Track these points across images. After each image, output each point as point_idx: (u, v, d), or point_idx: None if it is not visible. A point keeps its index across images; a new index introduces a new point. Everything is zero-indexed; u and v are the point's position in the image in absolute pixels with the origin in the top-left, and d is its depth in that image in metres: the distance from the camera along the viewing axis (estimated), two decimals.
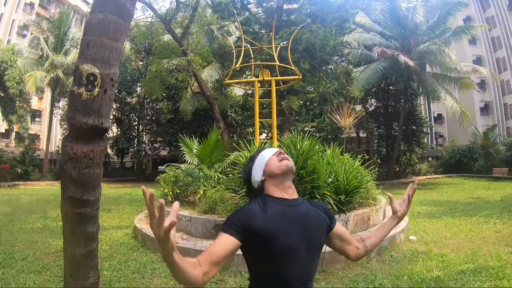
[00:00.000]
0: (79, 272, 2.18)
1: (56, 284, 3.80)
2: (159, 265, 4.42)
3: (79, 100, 2.04)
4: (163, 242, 1.02)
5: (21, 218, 8.07)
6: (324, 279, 3.81)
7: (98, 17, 2.11)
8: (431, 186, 16.66)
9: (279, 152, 1.42)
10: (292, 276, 1.27)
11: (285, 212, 1.31)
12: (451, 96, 17.90)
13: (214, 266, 1.19)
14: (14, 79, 16.04)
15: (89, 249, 2.21)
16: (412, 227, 6.48)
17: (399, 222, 1.55)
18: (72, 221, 2.16)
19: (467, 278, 3.70)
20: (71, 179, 2.10)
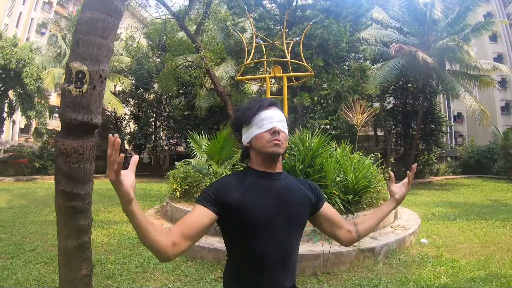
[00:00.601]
0: (72, 263, 2.23)
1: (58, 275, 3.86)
2: None
3: (69, 97, 2.07)
4: (115, 186, 0.99)
5: (35, 211, 8.29)
6: (327, 281, 3.71)
7: (87, 16, 2.14)
8: (449, 187, 16.28)
9: (274, 131, 1.23)
10: (268, 253, 1.20)
11: (263, 185, 1.24)
12: (471, 94, 17.33)
13: (186, 238, 1.13)
14: (32, 76, 16.44)
15: (81, 242, 2.24)
16: (425, 230, 6.27)
17: (397, 206, 1.46)
18: (64, 214, 2.21)
19: (477, 286, 3.55)
20: (62, 173, 2.14)
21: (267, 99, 1.32)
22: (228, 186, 1.22)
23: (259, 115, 1.26)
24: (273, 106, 1.29)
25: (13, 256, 4.66)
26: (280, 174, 1.29)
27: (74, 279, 2.25)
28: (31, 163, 20.42)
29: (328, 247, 3.89)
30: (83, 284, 2.28)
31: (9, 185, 15.74)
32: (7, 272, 4.01)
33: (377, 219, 1.43)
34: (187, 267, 4.12)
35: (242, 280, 1.23)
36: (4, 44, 15.89)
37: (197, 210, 1.18)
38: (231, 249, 1.27)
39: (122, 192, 1.00)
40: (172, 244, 1.09)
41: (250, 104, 1.31)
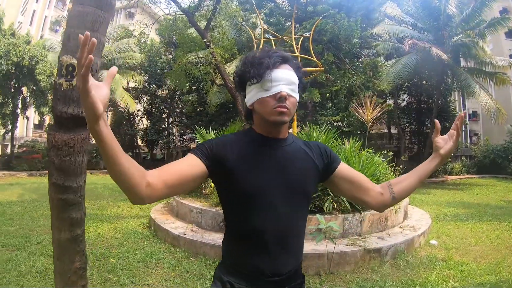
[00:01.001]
0: (65, 256, 2.24)
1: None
2: (165, 255, 4.45)
3: (60, 90, 2.06)
4: (82, 97, 0.83)
5: (45, 205, 8.38)
6: (330, 282, 3.61)
7: (77, 10, 2.14)
8: (462, 187, 15.94)
9: (280, 96, 1.07)
10: (265, 224, 1.09)
11: (263, 151, 1.13)
12: (486, 92, 16.86)
13: (164, 184, 0.99)
14: (45, 72, 16.69)
15: (73, 234, 2.24)
16: (435, 231, 6.09)
17: (441, 164, 1.22)
18: (57, 207, 2.20)
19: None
20: (54, 166, 2.15)
21: (278, 53, 1.13)
22: (226, 145, 1.11)
23: (266, 74, 1.08)
24: (284, 64, 1.12)
25: (19, 248, 4.74)
26: (285, 140, 1.17)
27: (67, 271, 2.24)
28: (44, 158, 20.82)
29: (333, 247, 3.79)
30: (77, 276, 2.27)
31: (22, 179, 16.10)
32: (11, 263, 4.08)
33: (416, 178, 1.22)
34: (189, 263, 4.10)
35: (238, 259, 1.14)
36: (17, 42, 16.20)
37: (188, 158, 1.07)
38: (227, 219, 1.18)
39: (89, 104, 0.83)
40: (146, 184, 0.95)
41: (256, 59, 1.11)
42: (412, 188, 1.23)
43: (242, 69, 1.14)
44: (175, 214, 6.01)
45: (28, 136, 27.79)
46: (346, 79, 15.26)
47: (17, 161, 19.47)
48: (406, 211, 6.18)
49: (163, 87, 27.64)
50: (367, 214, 4.78)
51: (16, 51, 15.80)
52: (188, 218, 5.46)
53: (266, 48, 1.21)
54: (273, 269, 1.10)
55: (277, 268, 1.11)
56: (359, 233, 4.64)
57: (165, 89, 27.98)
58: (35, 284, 3.52)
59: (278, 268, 1.11)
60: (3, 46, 15.66)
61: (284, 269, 1.12)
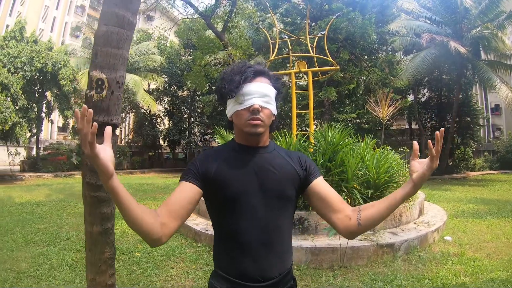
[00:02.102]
0: (96, 247, 2.47)
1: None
2: (187, 250, 4.71)
3: (91, 102, 2.30)
4: (92, 160, 0.93)
5: (72, 204, 8.82)
6: (343, 275, 3.74)
7: (103, 30, 2.36)
8: (484, 183, 15.52)
9: (253, 109, 1.12)
10: (246, 227, 1.13)
11: (243, 159, 1.18)
12: (507, 85, 16.40)
13: (174, 217, 1.07)
14: (67, 77, 17.35)
15: (104, 228, 2.49)
16: (451, 227, 6.07)
17: (414, 191, 1.08)
18: (89, 203, 2.45)
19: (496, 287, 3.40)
20: (87, 167, 2.39)
21: (252, 67, 1.18)
22: (208, 158, 1.18)
23: (240, 88, 1.14)
24: (258, 77, 1.17)
25: (49, 244, 5.08)
26: (265, 148, 1.22)
27: (98, 261, 2.49)
28: (69, 160, 21.61)
29: (346, 241, 3.92)
30: (106, 265, 2.52)
31: (48, 180, 16.80)
32: (43, 258, 4.41)
33: (386, 204, 1.10)
34: (209, 257, 4.32)
35: (226, 264, 1.18)
36: (40, 49, 16.88)
37: (181, 187, 1.13)
38: (214, 225, 1.24)
39: (100, 166, 0.92)
40: (161, 224, 1.03)
41: (232, 75, 1.17)
42: (380, 215, 1.11)
43: (219, 85, 1.21)
44: (197, 211, 6.26)
45: (52, 139, 28.87)
46: (363, 77, 15.20)
47: (42, 163, 20.30)
48: (422, 207, 6.18)
49: (183, 88, 28.17)
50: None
51: (39, 57, 16.48)
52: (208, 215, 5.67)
53: (242, 63, 1.22)
54: (260, 273, 1.13)
55: (264, 272, 1.13)
56: (373, 229, 4.73)
57: (185, 90, 28.50)
58: (65, 276, 3.80)
59: (265, 271, 1.13)
60: (26, 54, 16.34)
61: (271, 272, 1.14)
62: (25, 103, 15.74)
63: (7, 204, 8.76)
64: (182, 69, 26.31)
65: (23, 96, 15.70)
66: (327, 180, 4.33)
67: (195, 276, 3.76)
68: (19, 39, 17.06)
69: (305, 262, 3.99)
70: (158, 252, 4.58)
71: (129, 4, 2.37)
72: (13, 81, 15.05)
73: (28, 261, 4.26)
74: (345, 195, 4.59)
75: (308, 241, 4.26)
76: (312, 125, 7.11)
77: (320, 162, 4.74)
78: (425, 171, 1.06)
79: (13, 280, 3.65)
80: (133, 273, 3.86)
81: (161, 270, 3.93)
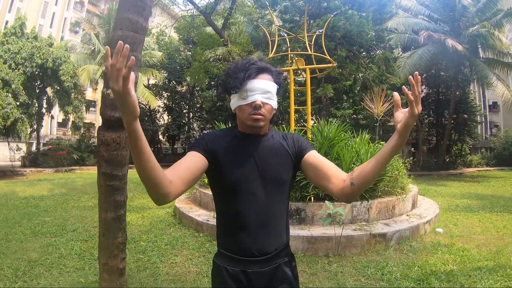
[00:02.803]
0: (109, 232, 2.69)
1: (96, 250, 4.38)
2: (190, 239, 4.93)
3: (108, 99, 2.58)
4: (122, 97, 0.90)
5: (75, 198, 9.01)
6: (337, 262, 3.98)
7: (118, 34, 2.62)
8: (480, 179, 15.72)
9: (255, 105, 1.22)
10: (246, 211, 1.25)
11: (245, 147, 1.28)
12: (503, 83, 16.60)
13: (181, 179, 1.11)
14: (68, 73, 17.45)
15: (117, 214, 2.72)
16: (443, 220, 6.28)
17: (402, 141, 1.09)
18: (104, 192, 2.69)
19: (481, 276, 3.58)
20: (103, 158, 2.64)
21: (255, 64, 1.26)
22: (216, 140, 1.27)
23: (244, 85, 1.23)
24: (261, 74, 1.26)
25: (56, 235, 5.25)
26: (265, 135, 1.32)
27: (111, 245, 2.71)
28: (69, 155, 21.78)
29: (340, 230, 4.15)
30: (118, 250, 2.74)
31: (49, 175, 16.96)
32: (51, 248, 4.59)
33: (375, 160, 1.13)
34: (211, 245, 4.55)
35: (227, 242, 1.31)
36: (40, 45, 16.97)
37: (190, 155, 1.20)
38: (216, 206, 1.35)
39: (130, 104, 0.91)
40: (169, 181, 1.06)
41: (236, 71, 1.26)
42: (372, 171, 1.14)
43: (224, 80, 1.30)
44: (198, 203, 6.50)
45: (52, 134, 28.96)
46: (360, 73, 15.42)
47: (43, 158, 20.44)
48: (415, 201, 6.41)
49: (182, 84, 28.17)
50: (374, 202, 5.10)
51: (40, 53, 16.58)
52: (210, 206, 5.93)
53: (245, 59, 1.29)
54: (258, 248, 1.25)
55: (261, 248, 1.25)
56: (367, 220, 4.97)
57: (184, 85, 28.48)
58: (75, 264, 3.99)
59: (262, 248, 1.25)
60: (27, 50, 16.41)
61: (268, 248, 1.26)
62: (26, 98, 15.83)
63: (12, 198, 8.91)
64: (182, 65, 26.37)
65: (24, 92, 15.80)
66: None
67: (198, 263, 3.99)
68: (20, 35, 17.13)
69: (302, 250, 4.23)
70: (162, 241, 4.81)
71: (142, 11, 2.62)
72: (14, 77, 15.15)
73: (38, 251, 4.43)
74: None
75: (304, 231, 4.49)
76: (310, 120, 7.32)
77: None
78: (408, 119, 1.06)
79: (25, 268, 3.81)
80: (140, 260, 4.08)
81: (165, 258, 4.16)
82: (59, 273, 3.74)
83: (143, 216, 6.63)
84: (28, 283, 3.42)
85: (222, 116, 23.44)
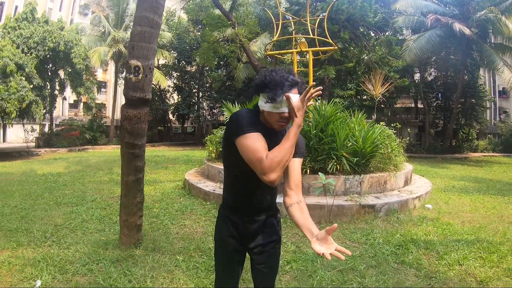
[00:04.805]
0: (130, 193, 3.21)
1: (116, 216, 4.91)
2: (198, 206, 5.49)
3: (130, 83, 3.18)
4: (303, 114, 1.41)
5: (91, 174, 9.57)
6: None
7: (137, 29, 3.20)
8: (483, 164, 15.83)
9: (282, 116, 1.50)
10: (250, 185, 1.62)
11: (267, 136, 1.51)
12: (509, 68, 16.51)
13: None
14: (80, 55, 17.95)
15: (137, 177, 3.29)
16: (436, 198, 6.50)
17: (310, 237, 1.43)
18: (126, 158, 3.25)
19: (458, 247, 3.78)
20: (127, 130, 3.22)
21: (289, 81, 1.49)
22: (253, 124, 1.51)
23: (278, 98, 1.47)
24: (293, 89, 1.49)
25: (77, 204, 5.78)
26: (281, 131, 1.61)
27: (131, 204, 3.23)
28: (82, 135, 22.53)
29: (332, 200, 4.60)
30: (137, 208, 3.27)
31: (63, 155, 17.71)
32: (74, 214, 5.14)
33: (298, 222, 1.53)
34: (217, 211, 5.00)
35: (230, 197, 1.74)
36: (52, 29, 17.36)
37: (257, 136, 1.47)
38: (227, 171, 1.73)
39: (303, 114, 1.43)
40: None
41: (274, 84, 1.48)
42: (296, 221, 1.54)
43: (261, 84, 1.52)
44: (206, 176, 7.04)
45: (64, 115, 29.73)
46: (364, 55, 15.61)
47: (56, 138, 21.18)
48: (408, 178, 6.71)
49: (192, 64, 28.44)
50: (366, 177, 5.52)
51: (51, 37, 16.98)
52: (217, 178, 6.50)
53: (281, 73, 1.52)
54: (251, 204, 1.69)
55: (255, 207, 1.69)
56: (359, 192, 5.40)
57: (194, 65, 28.74)
58: (96, 226, 4.50)
59: (257, 207, 1.69)
60: (39, 34, 16.80)
61: (261, 207, 1.70)
62: (39, 81, 16.37)
63: (31, 175, 9.44)
64: (191, 45, 26.63)
65: (37, 75, 16.33)
66: (318, 148, 4.99)
67: (204, 225, 4.53)
68: (31, 20, 17.47)
69: None
70: (173, 208, 5.36)
71: (156, 10, 3.19)
72: (27, 61, 15.63)
73: (62, 218, 4.94)
74: (334, 161, 5.24)
75: None
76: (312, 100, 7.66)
77: (313, 133, 5.38)
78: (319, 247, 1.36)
79: (52, 231, 4.29)
80: (153, 223, 4.63)
81: (176, 221, 4.70)
82: (83, 233, 4.25)
83: (155, 188, 7.20)
84: (56, 242, 3.90)
85: (231, 95, 23.79)
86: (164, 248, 3.64)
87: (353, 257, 3.52)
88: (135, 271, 3.09)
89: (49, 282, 2.90)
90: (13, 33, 16.68)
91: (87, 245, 3.73)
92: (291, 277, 3.13)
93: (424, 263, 3.41)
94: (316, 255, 1.55)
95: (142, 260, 3.33)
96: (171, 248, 3.68)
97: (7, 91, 13.66)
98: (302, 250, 3.73)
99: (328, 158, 5.36)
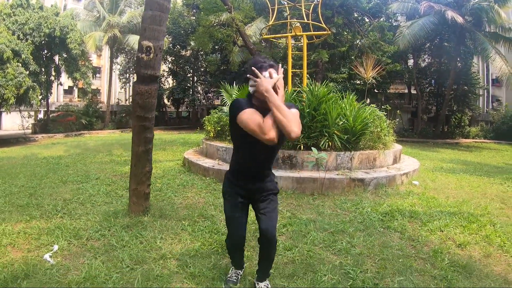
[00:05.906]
0: (140, 163, 3.51)
1: (121, 191, 5.21)
2: (198, 181, 5.79)
3: (142, 61, 3.52)
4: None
5: (91, 156, 9.74)
6: (320, 199, 4.80)
7: (149, 13, 3.55)
8: (473, 149, 16.24)
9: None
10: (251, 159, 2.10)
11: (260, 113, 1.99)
12: (501, 57, 16.80)
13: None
14: (76, 41, 17.96)
15: (146, 148, 3.61)
16: (423, 176, 6.72)
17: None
18: (137, 131, 3.59)
19: (440, 216, 4.05)
20: (138, 105, 3.56)
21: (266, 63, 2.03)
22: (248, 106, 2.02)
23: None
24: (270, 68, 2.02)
25: (82, 182, 5.99)
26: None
27: (140, 173, 3.54)
28: (78, 120, 22.63)
29: (324, 174, 4.94)
30: (146, 178, 3.58)
31: (60, 140, 17.82)
32: (81, 190, 5.38)
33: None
34: (217, 185, 5.41)
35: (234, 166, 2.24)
36: (47, 14, 17.30)
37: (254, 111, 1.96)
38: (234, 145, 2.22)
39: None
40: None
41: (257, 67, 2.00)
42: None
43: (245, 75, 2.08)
44: (205, 154, 7.36)
45: (59, 101, 29.68)
46: (357, 40, 15.89)
47: (53, 124, 21.29)
48: (397, 156, 7.00)
49: (187, 48, 28.48)
50: (356, 153, 5.86)
51: (47, 23, 16.94)
52: (216, 155, 6.81)
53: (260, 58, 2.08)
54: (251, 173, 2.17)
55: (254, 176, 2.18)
56: (350, 168, 5.75)
57: (189, 49, 28.79)
58: (104, 200, 4.78)
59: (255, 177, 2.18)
60: (34, 20, 16.78)
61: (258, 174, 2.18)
62: (36, 67, 16.38)
63: (32, 159, 9.55)
64: (186, 29, 26.59)
65: (33, 61, 16.34)
66: (311, 126, 5.31)
67: (205, 196, 4.86)
68: (26, 7, 17.40)
69: (292, 188, 5.08)
70: (174, 183, 5.68)
71: None
72: (23, 47, 15.63)
73: (70, 193, 5.17)
74: (326, 138, 5.58)
75: (294, 173, 5.33)
76: (305, 82, 7.94)
77: (307, 111, 5.70)
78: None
79: (62, 204, 4.51)
80: (158, 195, 4.94)
81: (179, 193, 5.03)
82: (92, 206, 4.51)
83: (156, 166, 7.37)
84: (67, 214, 4.13)
85: (226, 79, 23.92)
86: (170, 216, 3.96)
87: (343, 221, 3.87)
88: (145, 234, 3.39)
89: (65, 247, 3.14)
90: (8, 20, 16.61)
91: (97, 215, 3.98)
92: (287, 237, 3.47)
93: (408, 228, 3.74)
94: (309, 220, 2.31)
95: (151, 225, 3.64)
96: (176, 215, 4.01)
97: (4, 77, 13.71)
98: (297, 216, 4.09)
99: (321, 135, 5.70)
